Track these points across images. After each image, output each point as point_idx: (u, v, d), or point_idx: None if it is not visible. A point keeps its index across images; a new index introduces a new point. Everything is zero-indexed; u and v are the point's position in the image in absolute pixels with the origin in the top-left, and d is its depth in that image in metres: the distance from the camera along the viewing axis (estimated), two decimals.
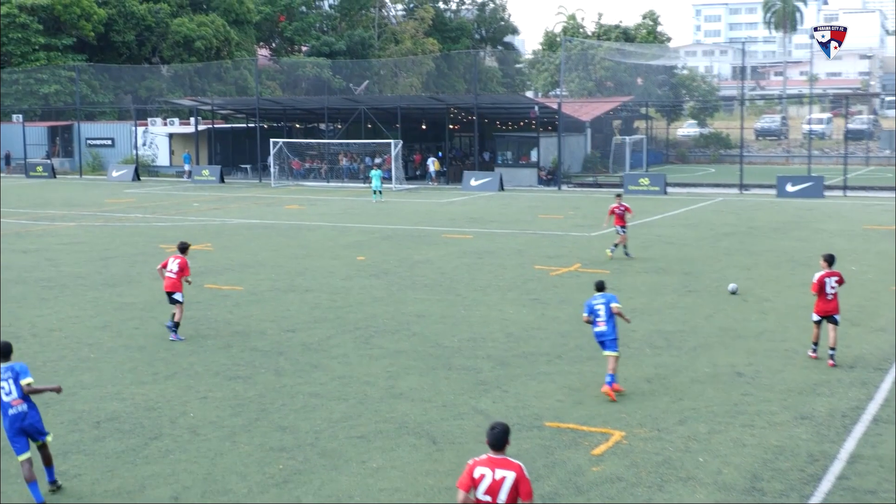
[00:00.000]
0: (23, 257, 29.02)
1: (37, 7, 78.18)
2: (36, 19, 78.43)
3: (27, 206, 45.59)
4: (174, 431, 13.20)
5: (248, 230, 35.53)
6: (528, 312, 20.59)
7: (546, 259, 28.04)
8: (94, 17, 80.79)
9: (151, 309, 21.02)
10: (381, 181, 48.61)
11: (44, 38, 79.09)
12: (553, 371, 16.03)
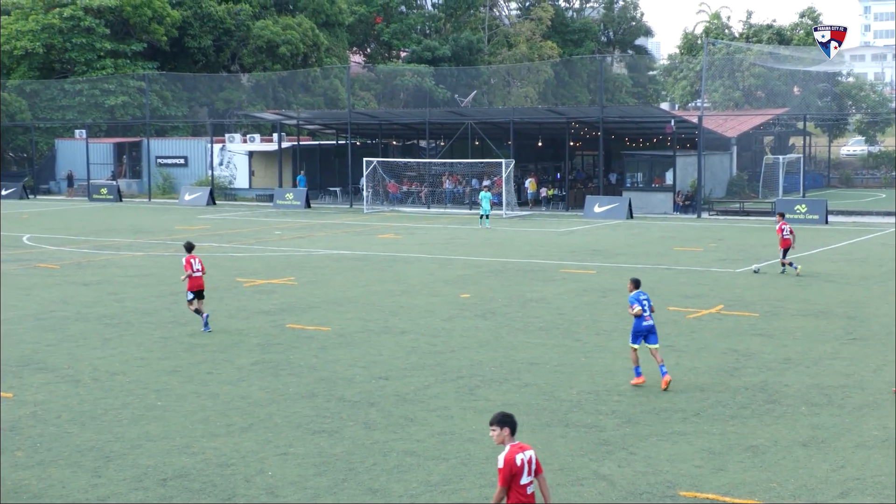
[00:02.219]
0: (84, 291, 29.91)
1: (104, 9, 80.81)
2: (102, 23, 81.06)
3: (89, 233, 46.99)
4: (249, 492, 13.43)
5: (336, 262, 36.00)
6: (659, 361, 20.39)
7: (682, 299, 27.77)
8: (168, 19, 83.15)
9: (225, 350, 21.45)
10: (490, 205, 49.72)
11: (111, 44, 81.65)
12: (689, 431, 15.85)
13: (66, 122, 79.37)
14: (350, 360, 20.59)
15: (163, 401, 17.64)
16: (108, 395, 18.04)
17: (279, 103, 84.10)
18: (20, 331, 23.81)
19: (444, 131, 67.11)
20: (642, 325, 18.41)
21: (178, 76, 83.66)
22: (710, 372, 19.46)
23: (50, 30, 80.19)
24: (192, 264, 23.73)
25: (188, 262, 23.80)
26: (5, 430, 15.91)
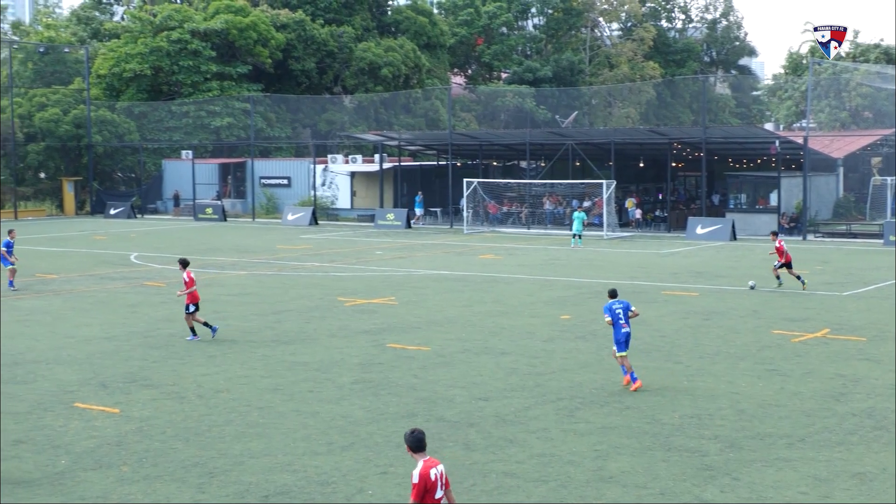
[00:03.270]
0: None
1: (210, 32, 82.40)
2: (209, 45, 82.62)
3: (195, 253, 47.74)
4: None
5: (436, 283, 36.11)
6: (763, 386, 20.09)
7: (787, 322, 27.33)
8: (272, 42, 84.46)
9: (327, 370, 21.62)
10: (583, 224, 49.89)
11: (217, 67, 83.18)
12: (794, 457, 15.56)
13: (173, 143, 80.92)
14: (450, 381, 20.62)
15: (265, 418, 17.83)
16: (211, 412, 18.29)
17: (381, 124, 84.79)
18: (127, 348, 24.28)
19: (544, 152, 67.03)
20: (621, 332, 19.71)
21: (282, 98, 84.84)
22: (816, 397, 19.11)
23: (158, 53, 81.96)
24: (193, 279, 25.18)
25: (190, 278, 25.19)
26: (112, 445, 16.22)
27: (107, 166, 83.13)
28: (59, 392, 19.80)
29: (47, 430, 17.15)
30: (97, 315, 29.41)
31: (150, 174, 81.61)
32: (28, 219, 75.19)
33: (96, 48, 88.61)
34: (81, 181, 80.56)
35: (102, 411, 18.32)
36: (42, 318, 28.72)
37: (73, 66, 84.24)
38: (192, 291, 25.14)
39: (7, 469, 15.07)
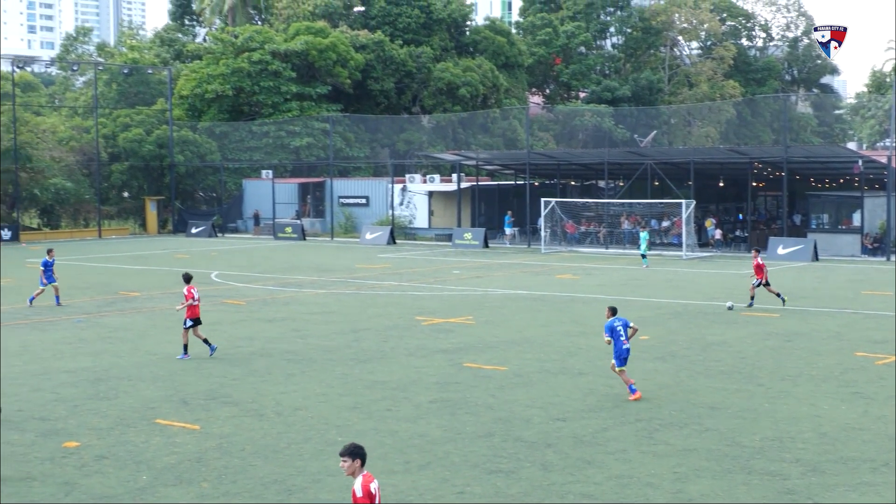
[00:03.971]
0: (268, 327, 30.67)
1: (290, 53, 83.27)
2: (289, 66, 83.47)
3: (274, 271, 48.19)
4: None
5: (513, 302, 36.06)
6: (847, 409, 19.77)
7: (871, 345, 26.87)
8: (351, 63, 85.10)
9: (405, 389, 21.67)
10: (647, 245, 49.83)
11: (296, 87, 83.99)
12: (879, 482, 15.28)
13: (254, 163, 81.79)
14: (527, 401, 20.56)
15: (343, 436, 17.90)
16: (290, 430, 18.41)
17: (459, 144, 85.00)
18: (208, 365, 24.56)
19: (622, 171, 66.71)
20: (622, 348, 20.53)
21: (361, 118, 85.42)
22: None
23: (239, 73, 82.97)
24: (193, 294, 25.51)
25: (189, 293, 25.53)
26: (192, 462, 16.40)
27: (188, 185, 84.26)
28: (142, 408, 20.08)
29: (129, 445, 17.39)
30: (178, 333, 29.75)
31: (230, 193, 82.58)
32: (111, 237, 76.46)
33: (179, 69, 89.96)
34: (164, 200, 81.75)
35: (183, 428, 18.54)
36: (125, 336, 29.16)
37: (157, 87, 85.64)
38: (191, 306, 25.51)
39: (90, 485, 15.31)
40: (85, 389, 21.88)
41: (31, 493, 15.01)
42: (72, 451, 17.09)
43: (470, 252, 59.57)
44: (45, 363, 25.05)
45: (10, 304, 36.63)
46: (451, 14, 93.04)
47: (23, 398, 21.05)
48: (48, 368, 24.32)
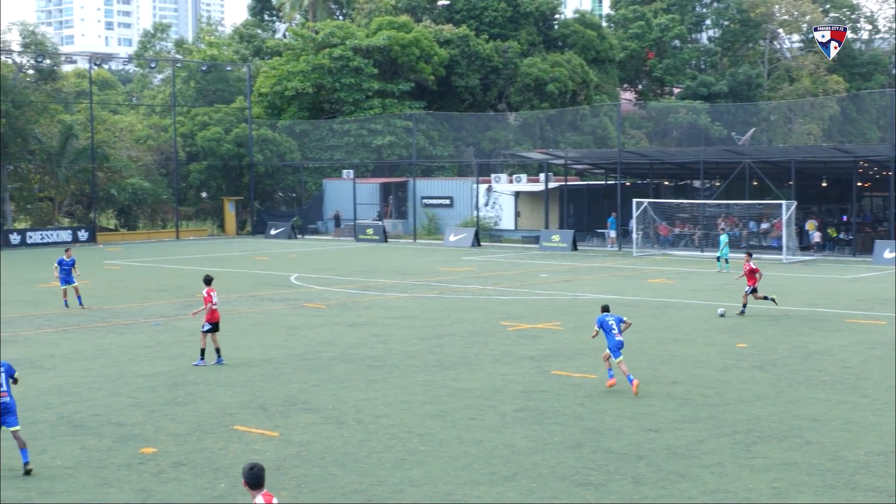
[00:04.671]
0: (349, 332, 30.87)
1: (372, 49, 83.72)
2: (371, 63, 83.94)
3: (355, 274, 48.50)
4: None
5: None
6: None
7: None
8: (435, 59, 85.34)
9: (490, 397, 21.68)
10: (728, 248, 49.23)
11: (378, 84, 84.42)
12: None
13: (334, 162, 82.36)
14: (618, 410, 20.45)
15: (425, 445, 17.97)
16: (371, 438, 18.51)
17: (546, 142, 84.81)
18: (287, 370, 24.79)
19: (719, 171, 66.04)
20: (614, 340, 22.32)
21: (445, 115, 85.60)
22: None
23: (320, 70, 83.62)
24: (212, 297, 25.64)
25: (208, 295, 25.65)
26: (270, 470, 16.54)
27: (267, 186, 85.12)
28: (219, 414, 20.33)
29: (207, 452, 17.61)
30: (257, 337, 30.12)
31: (310, 194, 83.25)
32: (189, 238, 77.52)
33: (258, 66, 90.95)
34: (242, 201, 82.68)
35: (262, 435, 18.74)
36: None
37: (235, 85, 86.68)
38: (211, 310, 25.60)
39: (167, 492, 15.53)
40: (162, 394, 22.21)
41: (108, 498, 15.28)
42: (149, 457, 17.36)
43: (558, 255, 59.40)
44: (122, 367, 25.48)
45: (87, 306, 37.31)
46: (538, 7, 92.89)
47: (100, 403, 21.43)
48: (125, 372, 24.73)
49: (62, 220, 77.45)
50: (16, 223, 74.03)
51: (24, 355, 27.13)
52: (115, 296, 40.81)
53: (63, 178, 74.93)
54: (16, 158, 74.00)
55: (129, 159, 78.49)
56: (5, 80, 72.23)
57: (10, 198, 73.96)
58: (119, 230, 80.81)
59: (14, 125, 71.87)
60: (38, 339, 29.95)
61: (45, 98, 75.47)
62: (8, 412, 16.55)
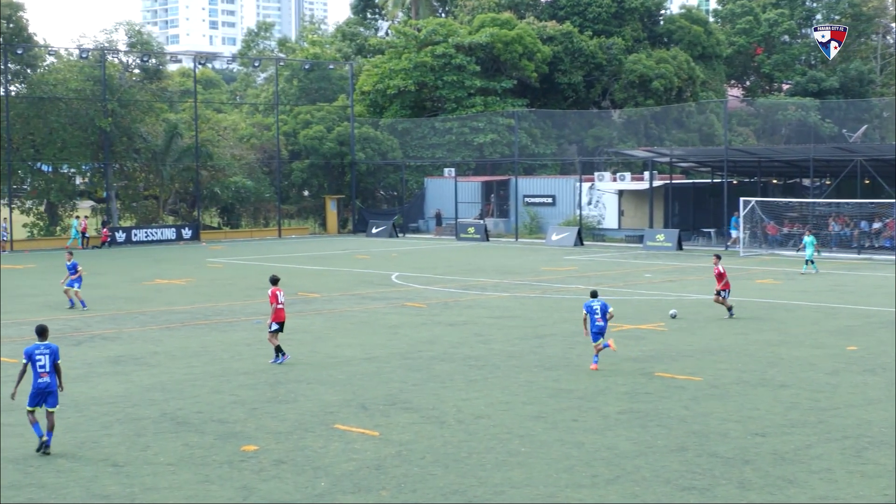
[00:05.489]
0: (450, 331, 30.92)
1: (475, 46, 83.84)
2: (473, 60, 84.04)
3: (456, 273, 48.59)
4: None
5: (709, 308, 35.49)
6: None
7: None
8: (538, 55, 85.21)
9: (592, 398, 21.56)
10: (814, 249, 48.17)
11: (481, 81, 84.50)
12: None
13: (436, 161, 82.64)
14: (723, 414, 20.20)
15: (526, 447, 17.92)
16: (471, 438, 18.51)
17: (651, 140, 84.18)
18: (388, 369, 24.91)
19: (829, 169, 64.95)
20: (595, 325, 24.60)
21: (548, 113, 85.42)
22: None
23: (422, 68, 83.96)
24: (277, 297, 25.69)
25: (274, 295, 25.71)
26: (371, 469, 16.65)
27: (369, 184, 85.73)
28: (320, 413, 20.49)
29: (307, 451, 17.76)
30: (358, 335, 30.32)
31: (412, 192, 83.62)
32: (291, 237, 78.39)
33: (360, 64, 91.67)
34: (344, 199, 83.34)
35: (362, 434, 18.84)
36: (303, 338, 29.81)
37: (338, 83, 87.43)
38: (277, 310, 25.66)
39: (267, 490, 15.69)
40: (263, 392, 22.46)
41: (210, 495, 15.47)
42: (250, 454, 17.56)
43: (662, 255, 58.91)
44: (224, 364, 25.83)
45: (189, 304, 37.94)
46: (644, 3, 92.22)
47: (202, 400, 21.73)
48: (227, 370, 25.06)
49: (166, 219, 78.76)
50: (121, 221, 75.47)
51: (129, 352, 27.66)
52: (218, 294, 41.41)
53: (167, 176, 76.21)
54: (122, 157, 75.48)
55: (232, 158, 79.58)
56: (112, 80, 73.71)
57: (116, 196, 75.45)
58: (222, 228, 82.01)
59: (120, 124, 73.30)
60: (143, 336, 30.49)
61: (151, 97, 76.83)
62: (50, 393, 17.84)
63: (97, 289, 43.43)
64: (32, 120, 71.26)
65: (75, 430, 19.17)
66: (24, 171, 73.79)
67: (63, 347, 28.09)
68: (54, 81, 72.29)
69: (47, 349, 17.98)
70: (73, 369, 25.04)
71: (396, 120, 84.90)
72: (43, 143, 71.83)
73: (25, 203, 74.49)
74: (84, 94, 72.45)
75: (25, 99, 71.77)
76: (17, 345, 28.89)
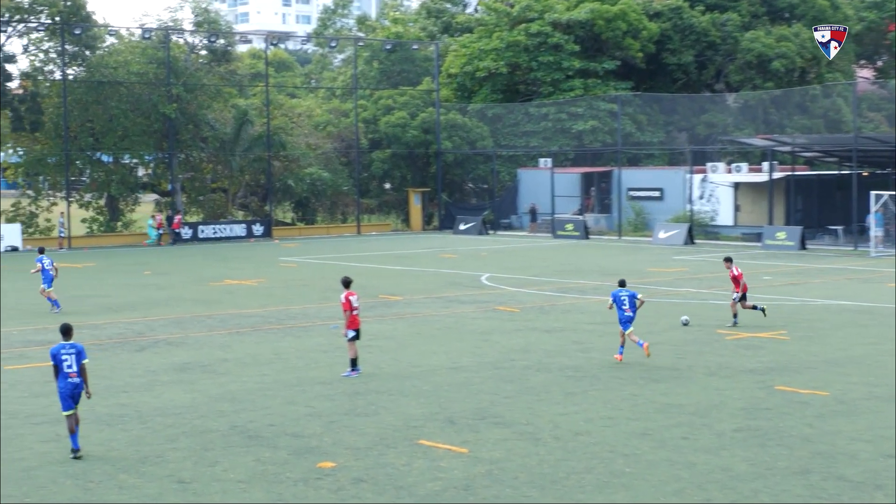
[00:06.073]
0: (546, 338, 30.89)
1: (574, 24, 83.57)
2: (572, 39, 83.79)
3: (552, 274, 48.52)
4: None
5: (836, 315, 35.08)
6: None
7: None
8: (644, 33, 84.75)
9: (705, 414, 21.41)
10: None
11: (580, 62, 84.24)
12: None
13: (530, 150, 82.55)
14: (852, 433, 19.96)
15: (631, 467, 17.84)
16: (569, 457, 18.47)
17: (770, 127, 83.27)
18: (478, 380, 24.94)
19: None
20: (623, 314, 26.77)
21: (655, 97, 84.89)
22: None
23: (515, 48, 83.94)
24: (351, 302, 25.54)
25: (347, 300, 25.56)
26: (458, 489, 16.68)
27: (456, 176, 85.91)
28: (403, 427, 20.57)
29: (389, 468, 17.83)
30: (444, 342, 30.40)
31: (503, 185, 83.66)
32: (371, 234, 78.86)
33: (447, 44, 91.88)
34: (429, 192, 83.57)
35: (449, 450, 18.88)
36: (385, 344, 29.97)
37: (422, 65, 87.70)
38: (352, 317, 25.55)
39: None
40: (341, 403, 22.61)
41: None
42: (327, 472, 17.68)
43: (783, 254, 58.33)
44: (298, 373, 26.05)
45: (261, 306, 38.32)
46: None
47: (275, 411, 21.93)
48: (302, 379, 25.27)
49: (236, 213, 79.71)
50: (187, 216, 76.41)
51: (196, 358, 28.01)
52: (291, 296, 41.77)
53: (237, 167, 77.08)
54: (187, 146, 76.45)
55: (307, 147, 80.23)
56: (177, 62, 74.65)
57: (181, 188, 76.39)
58: (296, 224, 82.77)
59: (186, 110, 74.24)
60: (211, 342, 30.86)
61: (219, 81, 77.75)
62: (78, 393, 18.88)
63: (161, 290, 44.10)
64: (91, 106, 72.46)
65: (139, 444, 19.46)
66: (83, 162, 75.03)
67: (124, 353, 28.61)
68: (115, 64, 73.46)
69: (73, 349, 18.85)
70: (135, 377, 25.47)
71: (486, 105, 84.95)
72: (102, 131, 73.02)
73: (84, 196, 75.69)
74: (147, 77, 73.56)
75: (84, 83, 73.01)
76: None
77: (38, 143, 74.28)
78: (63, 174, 71.79)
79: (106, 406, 22.35)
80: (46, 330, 32.66)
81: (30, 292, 41.34)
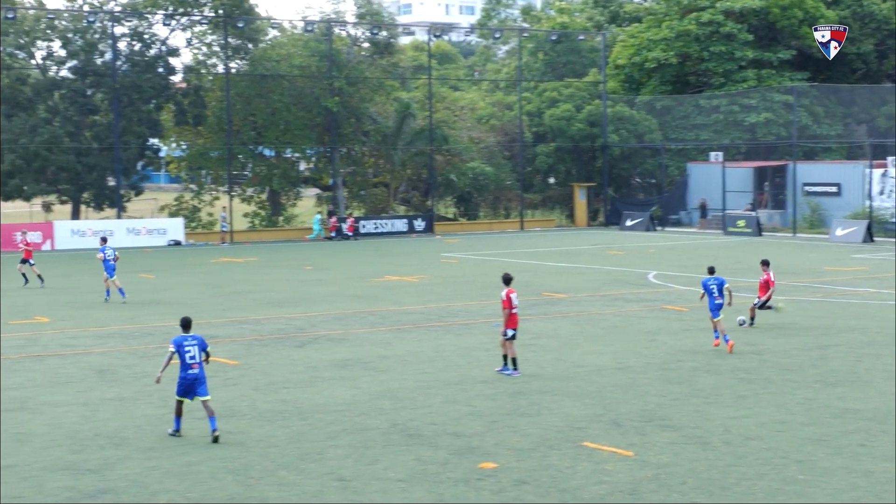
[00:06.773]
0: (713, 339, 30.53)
1: (747, 12, 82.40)
2: (745, 28, 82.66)
3: (723, 272, 47.46)
4: None
5: None
6: None
7: None
8: (821, 21, 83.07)
9: (884, 420, 20.95)
10: None
11: (753, 52, 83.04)
12: None
13: (700, 143, 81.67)
14: None
15: (805, 475, 17.55)
16: (740, 463, 18.25)
17: None
18: (644, 381, 24.78)
19: None
20: (714, 302, 28.63)
21: (833, 88, 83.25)
22: None
23: (686, 37, 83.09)
24: (511, 300, 25.42)
25: (507, 298, 25.46)
26: (624, 493, 16.60)
27: (623, 170, 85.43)
28: (567, 428, 20.54)
29: (552, 470, 17.83)
30: (609, 342, 30.27)
31: (672, 180, 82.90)
32: (535, 230, 78.87)
33: (615, 34, 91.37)
34: (595, 187, 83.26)
35: (614, 453, 18.80)
36: (548, 343, 29.96)
37: (589, 56, 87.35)
38: (511, 315, 25.39)
39: None
40: (503, 403, 22.66)
41: None
42: (488, 472, 17.74)
43: None
44: (460, 371, 26.18)
45: (422, 303, 38.62)
46: None
47: (436, 410, 22.08)
48: (463, 377, 25.39)
49: (397, 209, 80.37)
50: (349, 210, 77.27)
51: (356, 355, 28.35)
52: (453, 293, 42.00)
53: (399, 161, 77.73)
54: (349, 140, 77.34)
55: (470, 140, 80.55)
56: (339, 55, 75.57)
57: (343, 183, 77.31)
58: (458, 220, 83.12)
59: (348, 104, 75.11)
60: (371, 339, 31.20)
61: (381, 74, 78.49)
62: (200, 383, 19.89)
63: (322, 285, 44.75)
64: (254, 100, 73.79)
65: (299, 440, 19.77)
66: (245, 156, 76.40)
67: (285, 349, 29.15)
68: (277, 57, 74.70)
69: (195, 340, 20.02)
70: (296, 373, 25.90)
71: (655, 97, 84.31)
72: (265, 124, 74.30)
73: (246, 191, 77.08)
74: (309, 70, 74.62)
75: (247, 77, 74.42)
76: (237, 345, 30.03)
77: (202, 137, 75.93)
78: (225, 168, 73.25)
79: (266, 402, 22.77)
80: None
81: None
